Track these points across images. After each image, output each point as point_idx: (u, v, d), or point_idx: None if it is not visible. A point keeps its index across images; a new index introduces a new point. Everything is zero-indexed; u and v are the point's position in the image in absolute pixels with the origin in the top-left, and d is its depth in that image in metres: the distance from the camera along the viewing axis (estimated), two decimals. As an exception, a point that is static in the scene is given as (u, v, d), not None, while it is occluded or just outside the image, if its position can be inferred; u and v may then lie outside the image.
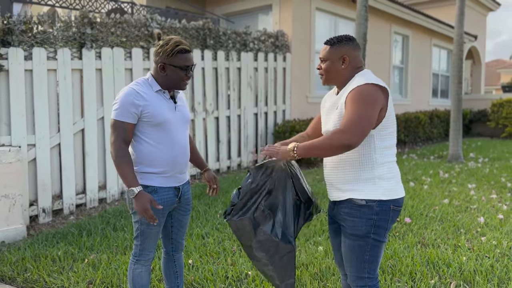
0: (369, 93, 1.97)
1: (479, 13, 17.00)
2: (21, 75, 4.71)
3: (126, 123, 2.19)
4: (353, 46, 2.13)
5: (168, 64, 2.25)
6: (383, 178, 2.04)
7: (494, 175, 7.04)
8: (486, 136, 14.35)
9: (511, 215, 4.74)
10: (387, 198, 2.03)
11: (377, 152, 2.04)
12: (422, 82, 13.33)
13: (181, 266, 2.62)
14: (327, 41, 2.16)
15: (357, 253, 2.06)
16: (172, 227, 2.51)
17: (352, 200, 2.04)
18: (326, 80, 2.18)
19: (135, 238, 2.38)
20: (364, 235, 2.04)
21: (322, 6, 9.02)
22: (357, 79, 2.07)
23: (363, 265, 2.07)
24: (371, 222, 2.02)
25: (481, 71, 17.74)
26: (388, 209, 2.04)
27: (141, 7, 7.84)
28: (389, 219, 2.05)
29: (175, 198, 2.37)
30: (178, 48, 2.23)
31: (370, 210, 2.02)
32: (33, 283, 3.26)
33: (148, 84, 2.30)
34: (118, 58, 5.54)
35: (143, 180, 2.28)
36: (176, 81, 2.29)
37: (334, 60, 2.12)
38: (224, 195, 5.52)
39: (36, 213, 4.82)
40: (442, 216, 4.71)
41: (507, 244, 3.84)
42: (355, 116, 1.92)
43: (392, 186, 2.06)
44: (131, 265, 2.40)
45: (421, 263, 3.44)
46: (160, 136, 2.27)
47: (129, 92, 2.21)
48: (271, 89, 7.91)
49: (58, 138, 5.03)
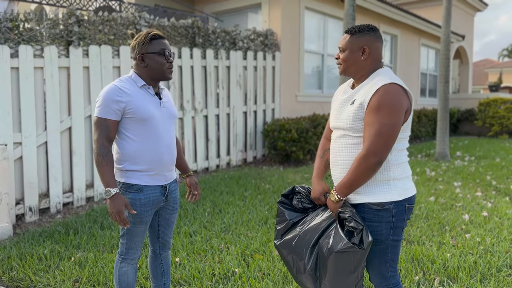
0: (395, 96, 1.90)
1: (467, 13, 17.19)
2: (7, 73, 4.67)
3: (109, 120, 2.17)
4: (375, 37, 2.02)
5: (145, 53, 2.25)
6: (397, 178, 2.00)
7: (480, 173, 7.14)
8: (474, 135, 14.53)
9: (495, 213, 4.82)
10: (402, 198, 1.99)
11: (393, 154, 2.00)
12: (410, 81, 13.45)
13: (168, 265, 2.62)
14: (348, 29, 2.05)
15: (379, 256, 2.04)
16: (159, 226, 2.50)
17: (369, 204, 1.99)
18: (343, 70, 2.07)
19: (121, 237, 2.37)
20: (385, 239, 2.01)
21: (311, 5, 9.06)
22: (380, 76, 1.97)
23: (385, 265, 2.06)
24: (390, 224, 1.99)
25: (468, 70, 17.94)
26: (404, 209, 2.01)
27: (129, 5, 7.81)
28: (404, 218, 2.03)
29: (162, 197, 2.36)
30: (150, 35, 2.26)
31: (388, 213, 1.98)
32: (19, 281, 3.24)
33: (131, 80, 2.28)
34: (106, 56, 5.52)
35: (128, 178, 2.26)
36: (158, 69, 2.28)
37: (354, 50, 2.01)
38: (213, 193, 5.53)
39: (22, 211, 4.79)
40: (427, 213, 4.77)
41: (491, 241, 3.90)
42: (380, 128, 1.87)
43: (405, 185, 2.03)
44: (117, 264, 2.39)
45: (406, 260, 3.48)
46: (145, 133, 2.24)
47: (112, 88, 2.20)
48: (260, 87, 7.93)
49: (45, 136, 4.99)
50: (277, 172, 7.00)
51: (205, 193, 5.58)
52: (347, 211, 1.97)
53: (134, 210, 2.24)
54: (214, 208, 4.95)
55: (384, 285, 2.09)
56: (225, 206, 5.01)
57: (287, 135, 7.34)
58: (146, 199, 2.28)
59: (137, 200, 2.26)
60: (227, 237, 4.05)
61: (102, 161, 2.15)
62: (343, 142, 2.06)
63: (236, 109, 7.52)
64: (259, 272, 3.29)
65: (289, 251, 2.14)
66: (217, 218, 4.62)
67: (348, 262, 1.93)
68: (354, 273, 1.97)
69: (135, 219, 2.28)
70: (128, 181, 2.26)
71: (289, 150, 7.44)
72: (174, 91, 6.46)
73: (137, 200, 2.26)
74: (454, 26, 15.13)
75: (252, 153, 7.92)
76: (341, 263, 1.94)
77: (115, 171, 2.30)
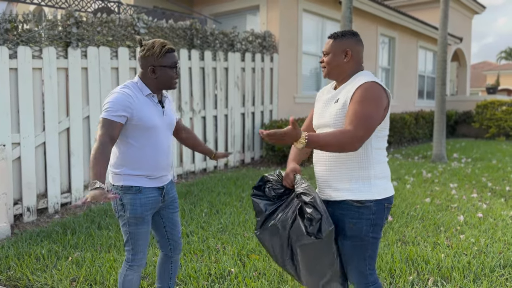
0: (376, 92, 2.00)
1: (465, 16, 17.26)
2: (6, 74, 4.70)
3: (115, 122, 2.19)
4: (356, 41, 2.14)
5: (158, 65, 2.29)
6: (377, 177, 2.07)
7: (476, 175, 7.18)
8: (471, 137, 14.58)
9: (490, 214, 4.86)
10: (382, 197, 2.06)
11: (373, 152, 2.08)
12: (408, 84, 13.51)
13: (176, 269, 2.67)
14: (331, 35, 2.17)
15: (358, 253, 2.09)
16: (165, 227, 2.55)
17: (350, 201, 2.06)
18: (327, 73, 2.18)
19: (125, 244, 2.39)
20: (364, 235, 2.06)
21: (309, 8, 9.11)
22: (362, 76, 2.08)
23: (364, 263, 2.11)
24: (370, 222, 2.05)
25: (466, 73, 18.01)
26: (383, 207, 2.07)
27: (128, 7, 7.84)
28: (383, 217, 2.09)
29: (160, 197, 2.41)
30: (165, 48, 2.28)
31: (368, 210, 2.04)
32: (16, 281, 3.27)
33: (137, 87, 2.32)
34: (104, 57, 5.55)
35: (126, 181, 2.30)
36: (167, 81, 2.33)
37: (337, 53, 2.13)
38: (210, 194, 5.56)
39: (20, 211, 4.81)
40: (423, 214, 4.80)
41: (485, 241, 3.94)
42: (363, 114, 1.94)
43: (385, 185, 2.10)
44: (123, 271, 2.41)
45: (401, 260, 3.52)
46: (146, 140, 2.30)
47: (122, 94, 2.23)
48: (258, 89, 7.96)
49: (43, 137, 5.02)
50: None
51: (202, 193, 5.61)
52: (310, 194, 2.03)
53: (135, 210, 2.29)
54: (211, 209, 4.98)
55: (363, 283, 2.13)
56: (222, 207, 5.04)
57: (285, 137, 7.36)
58: (146, 199, 2.33)
59: (137, 200, 2.30)
60: (223, 237, 4.08)
61: (99, 155, 2.09)
62: None
63: (234, 110, 7.55)
64: (254, 272, 3.33)
65: (268, 241, 2.23)
66: (214, 218, 4.65)
67: (314, 251, 2.02)
68: (325, 258, 2.05)
69: (137, 220, 2.33)
70: (126, 184, 2.31)
71: (286, 151, 7.47)
72: (172, 93, 6.50)
73: (137, 200, 2.30)
74: (452, 28, 15.20)
75: (249, 154, 7.95)
76: (307, 253, 2.04)
77: (111, 176, 2.36)
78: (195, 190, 5.76)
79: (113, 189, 2.34)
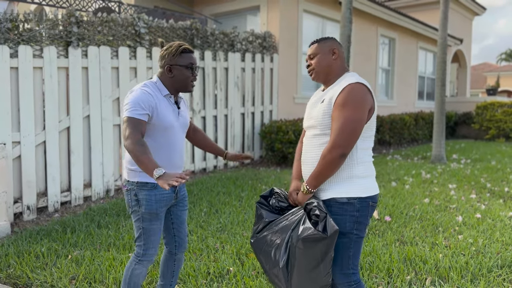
0: (360, 93, 2.05)
1: (465, 17, 17.27)
2: (7, 73, 4.72)
3: (141, 121, 2.20)
4: (338, 43, 2.23)
5: (174, 64, 2.33)
6: (360, 176, 2.13)
7: (475, 176, 7.20)
8: (471, 138, 14.59)
9: (488, 215, 4.87)
10: (366, 195, 2.11)
11: (359, 152, 2.13)
12: (408, 84, 13.52)
13: (179, 267, 2.69)
14: (314, 40, 2.24)
15: (342, 250, 2.13)
16: (173, 224, 2.58)
17: (335, 199, 2.11)
18: (316, 74, 2.22)
19: (137, 239, 2.41)
20: (347, 232, 2.11)
21: (309, 8, 9.12)
22: (347, 78, 2.13)
23: (347, 261, 2.14)
24: (354, 218, 2.10)
25: (466, 74, 18.02)
26: (367, 205, 2.12)
27: (128, 6, 7.86)
28: (368, 215, 2.14)
29: (173, 194, 2.45)
30: (181, 48, 2.34)
31: (352, 207, 2.09)
32: (16, 278, 3.29)
33: (156, 87, 2.35)
34: (105, 57, 5.57)
35: (142, 177, 2.33)
36: (183, 81, 2.37)
37: (325, 53, 2.19)
38: (209, 194, 5.58)
39: (20, 210, 4.83)
40: (421, 215, 4.82)
41: (483, 242, 3.95)
42: (341, 125, 2.01)
43: (369, 184, 2.15)
44: (131, 265, 2.43)
45: (399, 260, 3.53)
46: (162, 140, 2.34)
47: (144, 93, 2.26)
48: (258, 89, 7.98)
49: (44, 135, 5.04)
50: (274, 173, 7.05)
51: (202, 193, 5.62)
52: (314, 202, 2.12)
53: (150, 206, 2.33)
54: (211, 208, 5.00)
55: (345, 282, 2.16)
56: (221, 206, 5.06)
57: (284, 137, 7.40)
58: (161, 195, 2.37)
59: (153, 196, 2.34)
60: (222, 237, 4.09)
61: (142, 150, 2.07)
62: (313, 141, 2.20)
63: (234, 110, 7.57)
64: (253, 271, 3.34)
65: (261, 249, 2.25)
66: (214, 218, 4.67)
67: (315, 250, 2.03)
68: (321, 264, 2.06)
69: (151, 215, 2.36)
70: (142, 180, 2.34)
71: (286, 151, 7.49)
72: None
73: (152, 196, 2.34)
74: (452, 29, 15.22)
75: (249, 154, 7.95)
76: (307, 251, 2.05)
77: (127, 172, 2.38)
78: (194, 189, 5.78)
79: (127, 185, 2.37)
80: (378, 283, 3.17)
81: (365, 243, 3.90)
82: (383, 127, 10.33)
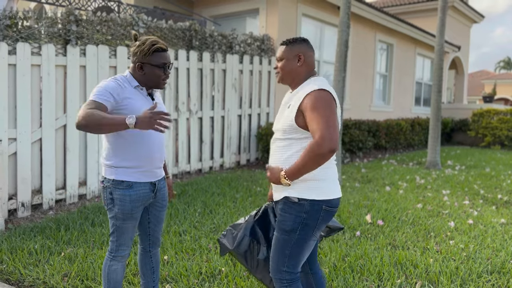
0: (326, 99, 2.07)
1: (463, 25, 17.38)
2: (5, 69, 4.73)
3: (102, 104, 2.18)
4: (307, 46, 2.23)
5: (146, 63, 2.31)
6: (316, 179, 2.11)
7: (469, 182, 7.24)
8: (467, 145, 14.66)
9: (480, 221, 4.91)
10: (320, 198, 2.10)
11: None
12: (405, 90, 13.58)
13: (157, 262, 2.68)
14: (283, 41, 2.26)
15: (280, 246, 2.16)
16: (149, 223, 2.56)
17: (288, 198, 2.13)
18: (281, 78, 2.27)
19: (111, 234, 2.42)
20: (290, 230, 2.12)
21: (308, 12, 9.17)
22: (311, 84, 2.14)
23: (283, 259, 2.16)
24: (300, 219, 2.10)
25: (464, 81, 18.12)
26: (320, 209, 2.11)
27: (128, 6, 7.89)
28: (319, 218, 2.12)
29: (151, 193, 2.42)
30: (154, 47, 2.30)
31: (301, 208, 2.10)
32: (8, 274, 3.30)
33: (126, 80, 2.35)
34: (103, 56, 5.59)
35: (118, 175, 2.31)
36: (154, 80, 2.36)
37: (290, 58, 2.21)
38: (204, 194, 5.60)
39: (15, 207, 4.84)
40: (414, 219, 4.85)
41: (474, 247, 3.99)
42: (323, 122, 2.00)
43: (327, 187, 2.13)
44: (106, 261, 2.44)
45: (390, 264, 3.56)
46: (137, 132, 2.30)
47: (112, 82, 2.27)
48: (255, 91, 8.01)
49: (40, 133, 5.05)
50: (269, 176, 7.06)
51: (196, 194, 5.64)
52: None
53: (123, 206, 2.31)
54: (205, 209, 5.02)
55: (276, 276, 2.19)
56: (215, 207, 5.08)
57: (280, 139, 7.41)
58: (136, 195, 2.34)
59: (127, 196, 2.32)
60: (216, 237, 4.11)
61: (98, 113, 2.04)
62: (276, 144, 2.23)
63: (231, 112, 7.60)
64: (245, 272, 3.36)
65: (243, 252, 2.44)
66: (207, 218, 4.69)
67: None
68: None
69: (125, 215, 2.34)
70: (118, 178, 2.32)
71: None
72: (169, 93, 6.54)
73: (127, 196, 2.32)
74: (450, 36, 15.31)
75: (245, 156, 7.99)
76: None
77: (104, 168, 2.37)
78: (189, 190, 5.80)
79: (104, 182, 2.36)
80: (369, 286, 3.20)
81: (356, 246, 3.93)
82: (379, 132, 10.38)
